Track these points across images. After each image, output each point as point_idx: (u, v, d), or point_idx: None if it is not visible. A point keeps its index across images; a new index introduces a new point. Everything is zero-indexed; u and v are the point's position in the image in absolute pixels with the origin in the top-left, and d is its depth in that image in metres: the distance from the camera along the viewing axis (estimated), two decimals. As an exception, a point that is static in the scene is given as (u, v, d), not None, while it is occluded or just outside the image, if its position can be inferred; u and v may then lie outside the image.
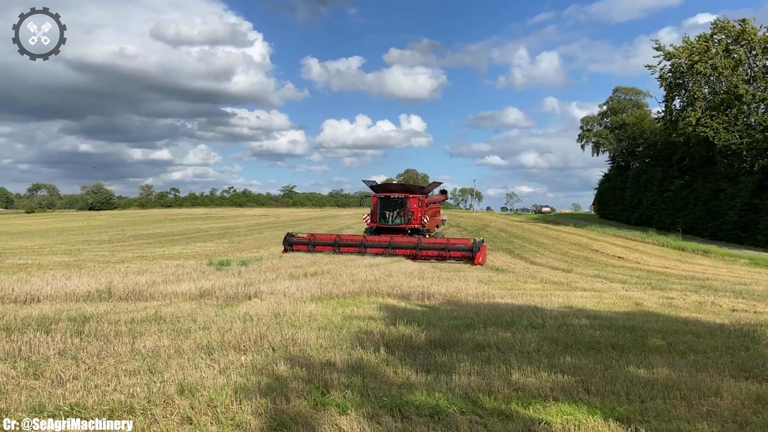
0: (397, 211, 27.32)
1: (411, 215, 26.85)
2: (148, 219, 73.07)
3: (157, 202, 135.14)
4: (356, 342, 6.80)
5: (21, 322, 7.51)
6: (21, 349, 5.94)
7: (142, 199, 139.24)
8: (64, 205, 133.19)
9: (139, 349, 6.19)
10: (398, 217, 27.26)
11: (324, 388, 4.92)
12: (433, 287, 12.34)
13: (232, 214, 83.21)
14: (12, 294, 9.94)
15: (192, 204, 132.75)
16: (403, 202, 27.22)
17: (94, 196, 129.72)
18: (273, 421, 4.13)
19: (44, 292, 10.26)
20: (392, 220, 27.35)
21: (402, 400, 4.66)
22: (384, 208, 27.62)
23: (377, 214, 27.42)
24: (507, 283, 16.58)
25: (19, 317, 7.88)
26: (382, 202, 27.56)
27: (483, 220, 62.32)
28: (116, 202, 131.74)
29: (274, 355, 6.08)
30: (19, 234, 44.44)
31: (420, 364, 5.89)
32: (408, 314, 9.01)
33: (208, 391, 4.71)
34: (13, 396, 4.45)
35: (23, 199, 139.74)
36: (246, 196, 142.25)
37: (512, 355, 6.38)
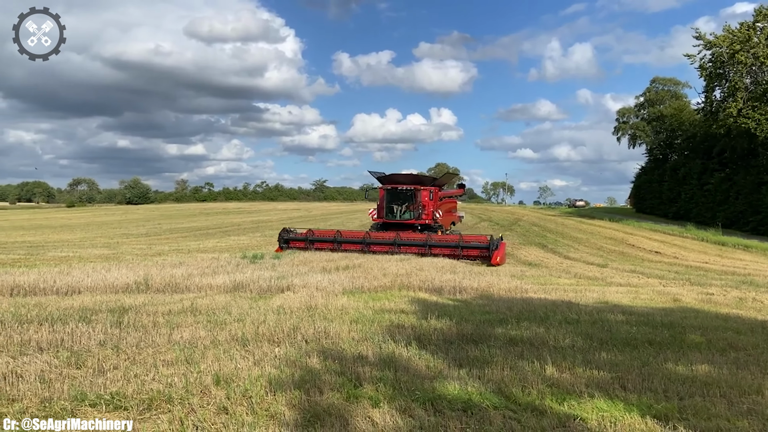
0: (406, 204, 24.35)
1: (422, 210, 23.95)
2: (183, 213, 74.48)
3: (192, 196, 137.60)
4: (388, 335, 6.81)
5: (63, 312, 7.74)
6: (63, 339, 6.12)
7: (177, 193, 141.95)
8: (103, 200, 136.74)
9: (176, 340, 6.32)
10: (407, 211, 24.31)
11: (356, 381, 4.95)
12: (465, 281, 12.28)
13: (265, 209, 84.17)
14: (54, 286, 10.26)
15: (226, 198, 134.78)
16: (412, 194, 24.18)
17: (132, 190, 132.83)
18: (307, 413, 4.18)
19: (85, 284, 10.56)
20: (400, 215, 24.36)
21: (434, 394, 4.66)
22: (391, 201, 24.59)
23: (384, 209, 24.55)
24: (540, 277, 16.40)
25: (61, 308, 8.13)
26: (390, 194, 24.52)
27: (515, 214, 61.69)
28: (153, 197, 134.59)
29: (307, 348, 6.13)
30: (61, 227, 45.82)
31: (452, 358, 5.87)
32: (440, 308, 8.99)
33: (243, 382, 4.79)
34: (56, 385, 4.59)
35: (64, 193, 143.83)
36: (278, 191, 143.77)
37: (546, 351, 6.31)
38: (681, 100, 64.88)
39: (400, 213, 24.44)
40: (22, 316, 7.40)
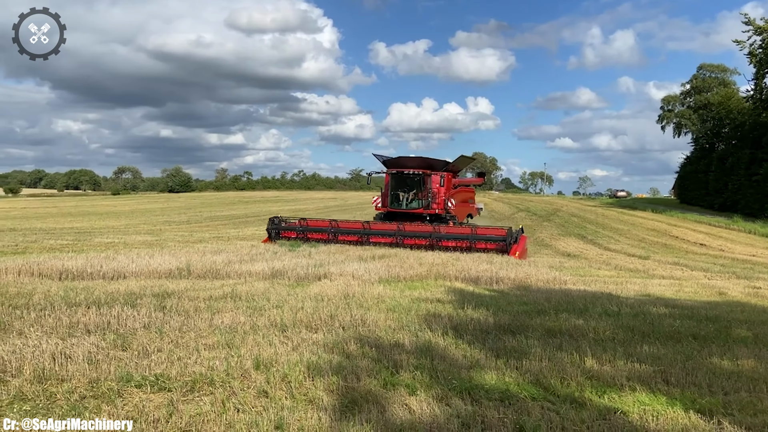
0: (414, 192, 21.40)
1: (431, 198, 21.09)
2: (223, 201, 75.86)
3: (231, 185, 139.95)
4: (424, 324, 6.82)
5: (109, 296, 8.00)
6: (110, 322, 6.33)
7: (217, 182, 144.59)
8: (146, 188, 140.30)
9: (217, 325, 6.46)
10: (415, 200, 21.40)
11: (393, 369, 4.97)
12: (501, 272, 12.17)
13: (302, 197, 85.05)
14: (101, 270, 10.60)
15: (264, 187, 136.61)
16: (421, 180, 21.18)
17: (174, 179, 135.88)
18: (344, 399, 4.22)
19: (129, 269, 10.88)
20: (407, 204, 21.46)
21: (471, 384, 4.65)
22: (397, 188, 21.69)
23: (389, 196, 21.70)
24: (579, 269, 16.14)
25: (108, 292, 8.39)
26: (395, 180, 21.63)
27: (554, 205, 60.75)
28: (194, 185, 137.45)
29: (345, 335, 6.19)
30: (106, 214, 47.26)
31: (489, 348, 5.84)
32: (476, 298, 8.94)
33: (282, 367, 4.86)
34: (104, 366, 4.75)
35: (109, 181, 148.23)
36: (315, 180, 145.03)
37: (585, 343, 6.21)
38: (729, 88, 62.65)
39: (406, 201, 21.56)
40: (71, 300, 7.68)
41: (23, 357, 4.75)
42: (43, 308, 6.97)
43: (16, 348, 5.01)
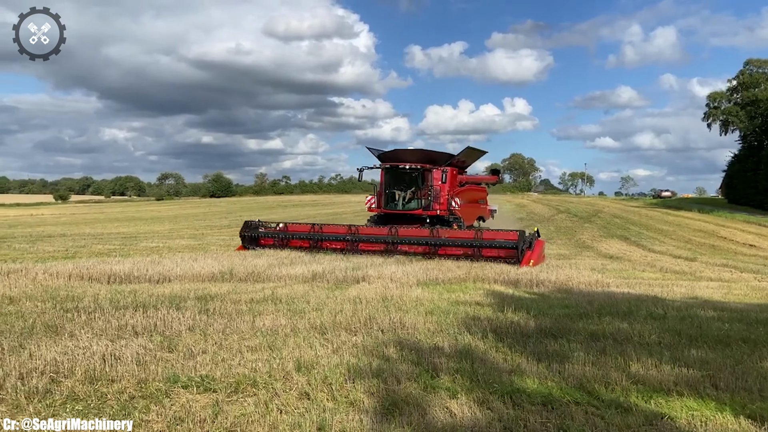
0: (412, 190, 18.58)
1: (432, 196, 18.31)
2: (262, 205, 77.00)
3: (270, 189, 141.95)
4: (464, 327, 6.78)
5: (155, 299, 8.22)
6: (156, 324, 6.50)
7: (256, 186, 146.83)
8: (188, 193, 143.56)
9: (259, 327, 6.57)
10: (414, 199, 18.58)
11: (433, 372, 4.96)
12: (542, 274, 12.01)
13: (339, 201, 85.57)
14: (146, 274, 10.90)
15: (302, 191, 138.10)
16: (420, 176, 18.36)
17: (215, 184, 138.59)
18: (385, 401, 4.24)
19: (174, 272, 11.16)
20: (403, 204, 18.65)
21: (513, 387, 4.60)
22: (393, 185, 18.84)
23: (383, 196, 18.97)
24: (623, 271, 15.78)
25: (153, 295, 8.63)
26: (390, 176, 18.89)
27: (595, 206, 59.57)
28: (234, 190, 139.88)
29: (384, 338, 6.21)
30: (151, 219, 48.54)
31: (530, 352, 5.77)
32: (516, 301, 8.84)
33: (323, 369, 4.91)
34: (151, 367, 4.88)
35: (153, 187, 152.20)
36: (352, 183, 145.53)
37: (630, 347, 6.07)
38: (779, 83, 60.22)
39: (403, 201, 18.74)
40: (119, 302, 7.93)
41: (75, 358, 4.93)
42: (93, 311, 7.21)
43: (68, 350, 5.19)
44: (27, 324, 6.47)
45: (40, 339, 5.66)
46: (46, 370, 4.60)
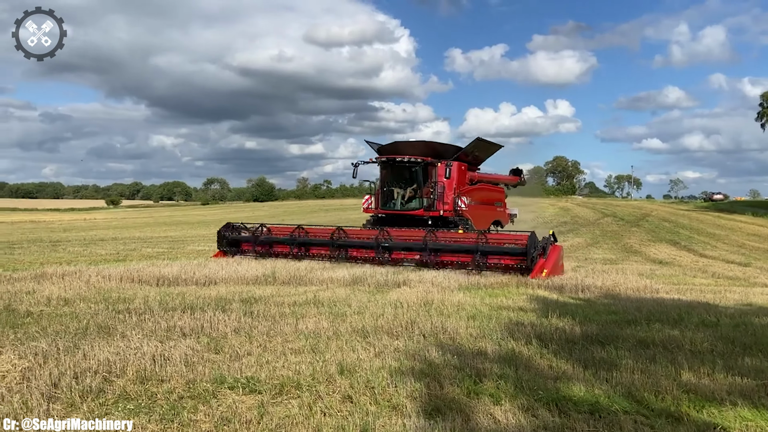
0: (413, 187, 16.42)
1: (435, 194, 16.10)
2: (304, 209, 77.87)
3: (311, 193, 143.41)
4: (507, 333, 6.70)
5: (202, 301, 8.42)
6: (203, 326, 6.66)
7: (298, 190, 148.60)
8: (233, 197, 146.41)
9: (301, 330, 6.65)
10: (416, 198, 16.43)
11: (476, 377, 4.92)
12: (587, 279, 11.76)
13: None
14: (193, 277, 11.17)
15: (343, 195, 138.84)
16: (421, 171, 16.16)
17: (258, 188, 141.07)
18: (428, 406, 4.22)
19: (219, 275, 11.40)
20: (402, 204, 16.52)
21: (558, 395, 4.51)
22: (392, 183, 16.73)
23: (380, 194, 16.98)
24: (672, 277, 15.29)
25: (200, 297, 8.84)
26: (388, 172, 16.82)
27: (642, 209, 57.96)
28: (276, 194, 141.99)
29: (425, 342, 6.19)
30: (197, 223, 49.68)
31: (576, 358, 5.65)
32: (561, 307, 8.68)
33: (365, 373, 4.93)
34: (199, 368, 5.00)
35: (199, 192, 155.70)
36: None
37: (681, 354, 5.88)
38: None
39: (402, 200, 16.58)
40: (167, 304, 8.15)
41: (126, 358, 5.09)
42: (143, 312, 7.43)
43: (120, 350, 5.37)
44: (81, 325, 6.72)
45: (94, 339, 5.87)
46: (99, 370, 4.77)
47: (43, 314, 7.42)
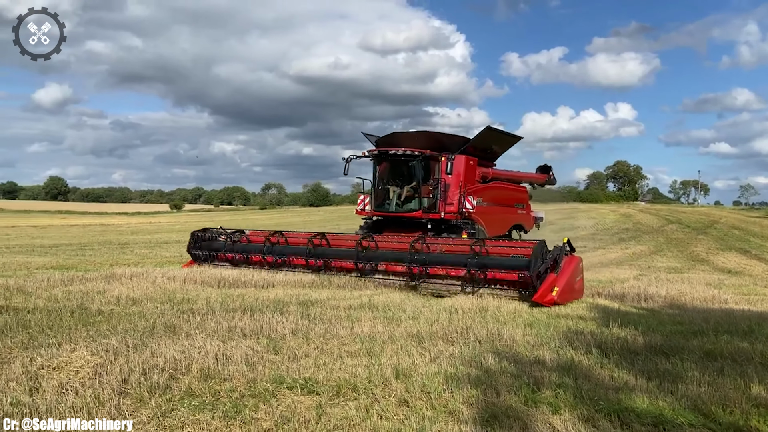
0: (412, 185, 14.32)
1: (437, 194, 14.03)
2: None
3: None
4: (565, 342, 6.56)
5: (261, 303, 8.63)
6: (262, 327, 6.83)
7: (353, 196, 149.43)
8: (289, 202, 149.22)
9: (357, 333, 6.72)
10: (413, 197, 14.35)
11: (534, 386, 4.85)
12: (651, 288, 11.38)
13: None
14: (252, 279, 11.46)
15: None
16: (421, 166, 14.06)
17: (314, 194, 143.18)
18: (484, 413, 4.19)
19: (277, 278, 11.65)
20: (398, 204, 14.47)
21: (620, 406, 4.39)
22: (389, 180, 14.85)
23: (375, 193, 15.01)
24: (742, 287, 14.57)
25: (259, 299, 9.06)
26: (383, 167, 14.98)
27: (710, 216, 55.44)
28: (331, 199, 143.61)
29: (481, 349, 6.14)
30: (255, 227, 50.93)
31: (639, 369, 5.48)
32: (622, 316, 8.43)
33: (421, 377, 4.94)
34: (259, 368, 5.14)
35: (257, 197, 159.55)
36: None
37: (751, 368, 5.60)
38: None
39: (398, 200, 14.53)
40: (228, 305, 8.41)
41: (191, 357, 5.29)
42: (206, 313, 7.69)
43: (185, 348, 5.58)
44: (148, 324, 7.02)
45: (160, 338, 6.13)
46: (165, 367, 4.97)
47: (113, 313, 7.80)
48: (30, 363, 4.94)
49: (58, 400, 4.09)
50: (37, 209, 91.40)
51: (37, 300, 8.55)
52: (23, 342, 5.87)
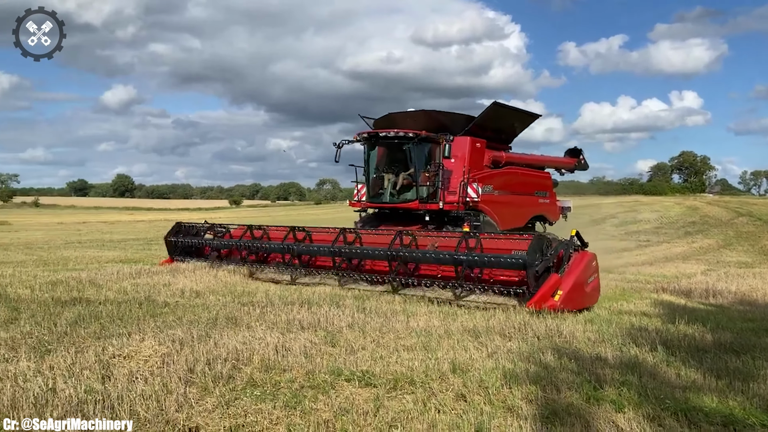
0: (408, 172, 12.66)
1: (437, 181, 12.48)
2: (413, 209, 78.56)
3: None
4: (628, 338, 6.37)
5: (318, 297, 8.77)
6: (320, 320, 6.94)
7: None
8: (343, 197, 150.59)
9: (413, 328, 6.73)
10: (410, 185, 12.64)
11: (596, 383, 4.73)
12: (719, 284, 10.90)
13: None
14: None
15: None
16: (418, 149, 12.41)
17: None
18: (544, 410, 4.12)
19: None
20: (393, 195, 12.86)
21: (687, 405, 4.23)
22: (383, 167, 13.31)
23: (369, 182, 13.40)
24: (820, 282, 13.73)
25: (316, 293, 9.19)
26: (376, 152, 13.43)
27: (784, 208, 52.41)
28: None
29: (540, 344, 6.04)
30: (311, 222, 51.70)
31: (707, 368, 5.26)
32: (689, 312, 8.11)
33: (478, 372, 4.91)
34: (317, 360, 5.23)
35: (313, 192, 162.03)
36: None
37: (831, 368, 5.29)
38: None
39: (392, 189, 12.86)
40: (287, 299, 8.58)
41: (252, 348, 5.43)
42: (265, 305, 7.88)
43: (246, 339, 5.73)
44: (211, 315, 7.26)
45: (223, 329, 6.32)
46: (228, 357, 5.13)
47: (178, 305, 8.10)
48: (102, 352, 5.20)
49: (128, 388, 4.28)
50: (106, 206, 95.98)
51: (107, 292, 8.98)
52: (96, 332, 6.18)
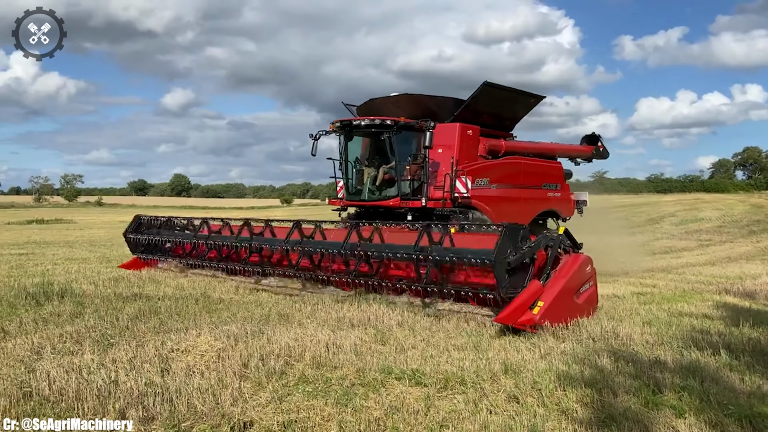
0: (390, 165, 11.27)
1: (423, 174, 11.03)
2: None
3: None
4: (689, 341, 6.12)
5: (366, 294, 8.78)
6: (370, 318, 6.97)
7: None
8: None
9: (463, 327, 6.68)
10: (395, 181, 11.19)
11: (655, 387, 4.57)
12: (788, 286, 10.33)
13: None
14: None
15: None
16: (399, 139, 11.00)
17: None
18: (600, 413, 4.01)
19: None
20: (373, 191, 11.48)
21: (752, 411, 4.04)
22: (364, 160, 11.93)
23: (345, 176, 12.12)
24: None
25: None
26: (357, 144, 12.11)
27: None
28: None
29: (595, 347, 5.88)
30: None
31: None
32: (754, 315, 7.72)
33: (530, 374, 4.83)
34: (367, 358, 5.26)
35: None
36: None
37: None
38: None
39: (372, 184, 11.49)
40: (337, 296, 8.63)
41: (304, 345, 5.50)
42: (316, 303, 7.97)
43: (298, 336, 5.82)
44: (264, 312, 7.41)
45: (275, 326, 6.44)
46: (281, 354, 5.22)
47: (232, 301, 8.30)
48: (161, 346, 5.38)
49: (186, 382, 4.41)
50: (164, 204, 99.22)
51: (166, 288, 9.28)
52: (155, 327, 6.40)
